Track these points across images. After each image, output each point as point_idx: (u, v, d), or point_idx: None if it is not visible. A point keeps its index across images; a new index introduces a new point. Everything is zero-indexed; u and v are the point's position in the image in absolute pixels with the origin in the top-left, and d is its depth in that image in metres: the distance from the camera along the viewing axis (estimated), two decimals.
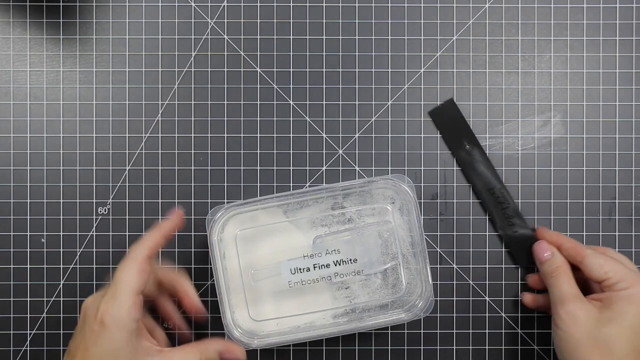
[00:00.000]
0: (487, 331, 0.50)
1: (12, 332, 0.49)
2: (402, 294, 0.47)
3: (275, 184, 0.50)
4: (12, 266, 0.49)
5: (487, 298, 0.50)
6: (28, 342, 0.49)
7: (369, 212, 0.48)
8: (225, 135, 0.50)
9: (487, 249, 0.50)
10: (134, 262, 0.39)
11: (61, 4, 0.50)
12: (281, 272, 0.46)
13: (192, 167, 0.50)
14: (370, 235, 0.47)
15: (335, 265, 0.46)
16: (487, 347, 0.49)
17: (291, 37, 0.50)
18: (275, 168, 0.50)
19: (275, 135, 0.50)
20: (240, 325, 0.46)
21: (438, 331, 0.50)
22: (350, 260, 0.46)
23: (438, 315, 0.49)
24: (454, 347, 0.50)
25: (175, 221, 0.44)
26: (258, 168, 0.50)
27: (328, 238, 0.47)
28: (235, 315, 0.46)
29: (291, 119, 0.50)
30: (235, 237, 0.47)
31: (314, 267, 0.46)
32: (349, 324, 0.46)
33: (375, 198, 0.48)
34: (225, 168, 0.50)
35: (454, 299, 0.50)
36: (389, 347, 0.50)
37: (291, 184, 0.50)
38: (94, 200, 0.50)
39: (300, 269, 0.46)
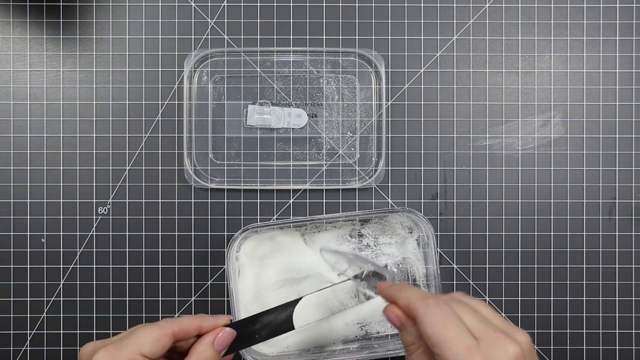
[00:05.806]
0: None
1: (12, 332, 0.49)
2: None
3: (275, 179, 0.50)
4: (12, 266, 0.49)
5: (487, 298, 0.50)
6: (28, 342, 0.49)
7: (387, 240, 0.48)
8: (225, 135, 0.50)
9: (487, 249, 0.50)
10: (158, 328, 0.35)
11: (61, 4, 0.50)
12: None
13: (192, 167, 0.50)
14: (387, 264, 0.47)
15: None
16: None
17: (291, 37, 0.50)
18: (275, 168, 0.50)
19: (275, 135, 0.50)
20: (252, 347, 0.46)
21: None
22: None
23: None
24: None
25: (217, 323, 0.38)
26: (258, 167, 0.50)
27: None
28: None
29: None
30: (251, 256, 0.47)
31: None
32: (360, 352, 0.46)
33: (394, 227, 0.48)
34: (226, 167, 0.50)
35: None
36: None
37: (291, 182, 0.50)
38: (94, 200, 0.50)
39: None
